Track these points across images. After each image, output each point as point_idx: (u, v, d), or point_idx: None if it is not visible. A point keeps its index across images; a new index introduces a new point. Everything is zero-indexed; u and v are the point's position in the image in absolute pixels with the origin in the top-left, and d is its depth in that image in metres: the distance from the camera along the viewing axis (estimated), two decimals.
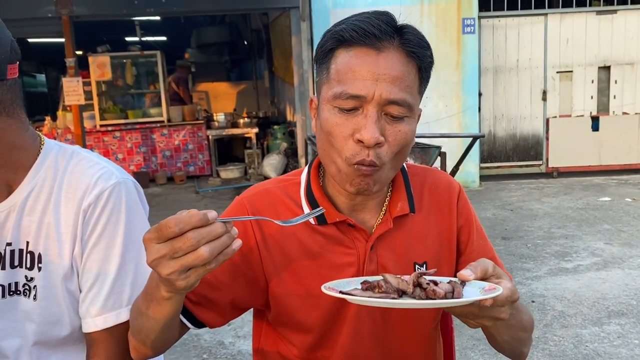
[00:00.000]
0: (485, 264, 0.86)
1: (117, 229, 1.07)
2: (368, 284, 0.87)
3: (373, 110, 0.92)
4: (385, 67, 0.92)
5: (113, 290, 1.07)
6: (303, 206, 1.05)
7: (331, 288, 0.86)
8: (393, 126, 0.94)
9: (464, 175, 7.46)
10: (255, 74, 12.57)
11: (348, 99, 0.92)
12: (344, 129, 0.93)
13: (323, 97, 0.97)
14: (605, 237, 5.05)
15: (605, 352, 3.02)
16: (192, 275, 0.76)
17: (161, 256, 0.74)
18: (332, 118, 0.94)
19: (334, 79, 0.95)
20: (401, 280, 0.87)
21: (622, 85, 8.05)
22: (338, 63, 0.94)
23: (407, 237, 1.05)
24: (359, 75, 0.92)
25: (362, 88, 0.91)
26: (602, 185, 7.35)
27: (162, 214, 5.28)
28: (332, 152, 0.96)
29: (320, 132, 0.98)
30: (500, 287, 0.81)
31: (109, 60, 8.91)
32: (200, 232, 0.72)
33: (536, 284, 4.00)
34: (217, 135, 9.13)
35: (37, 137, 1.12)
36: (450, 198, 1.11)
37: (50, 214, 1.07)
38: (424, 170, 1.14)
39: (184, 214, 0.73)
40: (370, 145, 0.91)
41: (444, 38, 7.43)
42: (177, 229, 0.72)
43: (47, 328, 1.08)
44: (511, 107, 8.15)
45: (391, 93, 0.92)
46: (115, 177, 1.10)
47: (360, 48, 0.92)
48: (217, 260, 0.75)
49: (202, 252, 0.73)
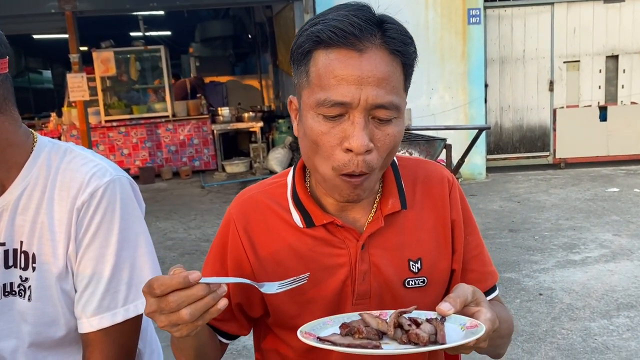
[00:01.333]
0: (464, 293, 0.85)
1: (111, 227, 1.05)
2: (347, 328, 0.84)
3: (360, 116, 0.87)
4: (369, 70, 0.86)
5: (108, 290, 1.05)
6: (290, 209, 1.03)
7: (307, 333, 0.84)
8: (382, 130, 0.90)
9: (470, 167, 7.42)
10: (259, 67, 12.54)
11: (332, 107, 0.87)
12: (331, 137, 0.89)
13: (305, 103, 0.92)
14: (613, 228, 5.00)
15: (615, 345, 2.98)
16: (184, 329, 0.79)
17: (152, 311, 0.78)
18: (317, 126, 0.90)
19: (315, 84, 0.89)
20: (380, 320, 0.85)
21: (631, 75, 7.95)
22: (318, 66, 0.89)
23: (400, 234, 1.02)
24: (342, 80, 0.86)
25: (347, 94, 0.86)
26: (610, 176, 7.28)
27: (168, 208, 5.29)
28: (318, 161, 0.93)
29: (304, 139, 0.94)
30: (483, 325, 0.80)
31: (113, 56, 8.90)
32: (180, 296, 0.75)
33: (544, 277, 3.97)
34: (222, 130, 9.11)
35: (30, 134, 1.10)
36: (442, 190, 1.07)
37: (44, 212, 1.05)
38: (416, 163, 1.11)
39: (167, 276, 0.76)
40: (360, 153, 0.88)
41: (449, 28, 7.36)
42: (159, 291, 0.75)
43: (43, 329, 1.07)
44: (518, 98, 8.07)
45: (377, 97, 0.87)
46: (110, 175, 1.07)
47: (340, 49, 0.87)
48: (203, 318, 0.78)
49: (182, 314, 0.76)
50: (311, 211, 1.00)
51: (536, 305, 3.51)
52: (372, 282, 1.00)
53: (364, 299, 1.00)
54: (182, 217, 6.35)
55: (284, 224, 1.02)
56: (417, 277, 1.01)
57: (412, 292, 1.01)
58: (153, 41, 10.51)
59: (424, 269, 1.02)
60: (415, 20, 7.18)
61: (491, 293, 1.10)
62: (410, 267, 1.01)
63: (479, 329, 0.80)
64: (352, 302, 1.00)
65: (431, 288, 1.03)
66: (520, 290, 3.75)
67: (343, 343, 0.80)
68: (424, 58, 7.64)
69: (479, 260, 1.08)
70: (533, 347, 3.01)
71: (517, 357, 2.91)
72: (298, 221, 1.01)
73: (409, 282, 1.01)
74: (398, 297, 1.00)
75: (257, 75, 12.57)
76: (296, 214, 1.01)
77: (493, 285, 1.10)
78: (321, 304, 1.00)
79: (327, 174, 0.92)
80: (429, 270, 1.02)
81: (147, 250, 1.09)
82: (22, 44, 14.65)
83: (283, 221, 1.02)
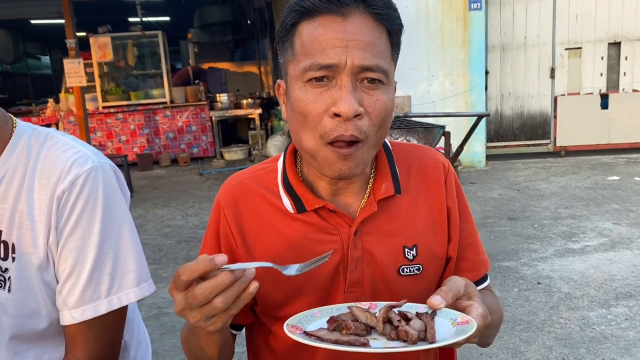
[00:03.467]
0: (456, 286, 0.83)
1: (93, 216, 1.01)
2: (335, 323, 0.81)
3: (347, 80, 0.85)
4: (353, 33, 0.84)
5: (91, 281, 1.01)
6: (281, 194, 1.00)
7: (294, 327, 0.81)
8: (371, 95, 0.87)
9: (470, 154, 7.37)
10: (258, 53, 12.44)
11: (319, 70, 0.85)
12: (318, 105, 0.86)
13: (291, 76, 0.90)
14: (613, 217, 4.97)
15: (613, 334, 2.96)
16: (218, 321, 0.77)
17: (182, 309, 0.76)
18: (303, 95, 0.87)
19: (300, 54, 0.87)
20: (369, 314, 0.82)
21: (633, 62, 7.88)
22: (303, 36, 0.87)
23: (394, 220, 0.99)
24: (327, 43, 0.84)
25: (333, 56, 0.84)
26: (611, 164, 7.24)
27: (166, 196, 5.26)
28: (306, 134, 0.89)
29: (292, 115, 0.91)
30: (474, 322, 0.78)
31: (110, 41, 8.82)
32: (206, 287, 0.73)
33: (542, 265, 3.94)
34: (221, 117, 9.05)
35: (9, 119, 1.06)
36: (438, 176, 1.04)
37: (23, 201, 1.01)
38: (411, 148, 1.08)
39: (192, 262, 0.74)
40: (349, 117, 0.84)
41: (450, 14, 7.27)
42: (185, 277, 0.73)
43: (24, 321, 1.03)
44: (518, 85, 8.01)
45: (364, 59, 0.84)
46: (92, 162, 1.03)
47: (324, 16, 0.85)
48: (236, 306, 0.76)
49: (215, 303, 0.74)
50: (302, 195, 0.97)
51: (534, 294, 3.49)
52: (365, 269, 0.97)
53: (356, 286, 0.97)
54: (180, 205, 6.32)
55: (274, 210, 0.99)
56: (412, 265, 0.99)
57: (406, 280, 0.98)
58: (151, 27, 10.39)
59: (420, 256, 0.99)
60: (415, 6, 7.09)
61: (483, 282, 1.08)
62: (405, 254, 0.98)
63: (470, 325, 0.78)
64: (344, 290, 0.97)
65: (426, 276, 1.00)
66: (519, 279, 3.73)
67: (330, 339, 0.77)
68: (424, 44, 7.62)
69: (472, 249, 1.06)
70: (531, 336, 2.99)
71: (515, 346, 2.89)
72: (289, 206, 0.98)
73: (404, 270, 0.98)
74: (392, 285, 0.98)
75: (256, 61, 12.48)
76: (287, 199, 0.98)
77: (485, 274, 1.08)
78: (311, 292, 0.96)
79: (315, 146, 0.88)
80: (425, 258, 0.99)
81: (132, 240, 1.06)
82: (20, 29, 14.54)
83: (273, 207, 0.99)
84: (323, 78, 0.86)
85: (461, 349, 2.85)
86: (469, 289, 0.85)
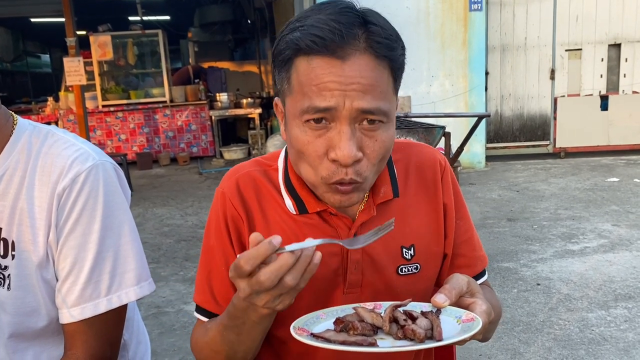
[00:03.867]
0: (459, 284, 0.84)
1: (94, 214, 1.01)
2: (342, 323, 0.81)
3: (345, 124, 0.83)
4: (353, 77, 0.81)
5: (91, 279, 1.01)
6: (283, 195, 0.99)
7: (300, 329, 0.80)
8: (370, 138, 0.85)
9: (470, 155, 7.37)
10: (258, 53, 12.42)
11: (316, 113, 0.83)
12: (317, 147, 0.85)
13: (289, 111, 0.89)
14: (613, 218, 4.97)
15: (612, 336, 2.96)
16: (286, 299, 0.77)
17: (249, 294, 0.75)
18: (302, 136, 0.86)
19: (297, 92, 0.85)
20: (375, 314, 0.83)
21: (633, 64, 7.88)
22: (300, 74, 0.84)
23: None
24: (325, 87, 0.82)
25: (331, 99, 0.82)
26: (611, 165, 7.24)
27: (165, 195, 5.24)
28: (305, 169, 0.89)
29: (290, 146, 0.91)
30: (479, 319, 0.78)
31: (110, 40, 8.81)
32: (271, 272, 0.72)
33: (542, 266, 3.94)
34: (220, 116, 9.04)
35: (10, 116, 1.06)
36: (435, 174, 1.04)
37: (24, 198, 1.01)
38: (408, 147, 1.07)
39: (250, 250, 0.73)
40: (347, 164, 0.84)
41: (450, 15, 7.27)
42: (248, 266, 0.72)
43: (23, 319, 1.03)
44: (518, 86, 8.00)
45: (363, 101, 0.82)
46: (92, 159, 1.03)
47: (321, 57, 0.82)
48: (305, 279, 0.76)
49: (285, 283, 0.73)
50: (304, 198, 0.97)
51: (534, 295, 3.49)
52: (365, 271, 0.97)
53: (355, 287, 0.97)
54: (179, 204, 6.31)
55: (278, 208, 0.99)
56: (411, 264, 0.99)
57: (405, 279, 0.99)
58: (151, 26, 10.37)
59: (417, 255, 1.00)
60: (416, 6, 7.09)
61: (480, 277, 1.08)
62: (403, 254, 0.99)
63: (475, 322, 0.78)
64: (343, 292, 0.97)
65: (424, 274, 1.01)
66: (518, 280, 3.73)
67: (338, 340, 0.77)
68: (425, 45, 7.62)
69: (469, 245, 1.07)
70: (530, 337, 2.99)
71: (514, 347, 2.89)
72: (290, 207, 0.97)
73: (402, 269, 0.99)
74: (391, 285, 0.98)
75: (256, 61, 12.46)
76: (289, 199, 0.98)
77: (482, 269, 1.09)
78: (310, 293, 0.96)
79: (315, 182, 0.89)
80: (422, 256, 1.00)
81: (132, 239, 1.05)
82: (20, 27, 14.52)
83: (277, 204, 0.99)
84: (322, 120, 0.84)
85: (460, 350, 2.85)
86: (472, 286, 0.85)
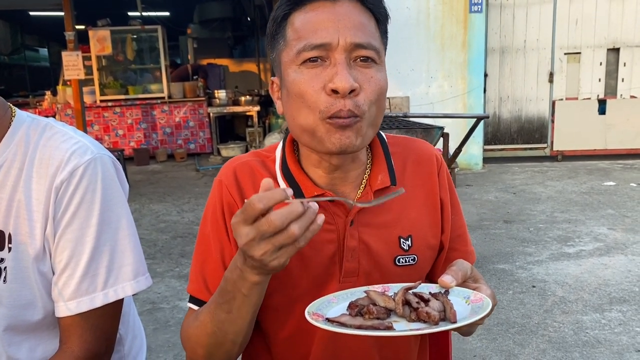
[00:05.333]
0: (464, 267, 0.86)
1: (92, 208, 1.00)
2: (356, 308, 0.81)
3: (341, 57, 0.86)
4: (344, 15, 0.88)
5: (87, 273, 1.00)
6: (279, 181, 1.00)
7: (315, 314, 0.80)
8: (365, 73, 0.88)
9: (467, 157, 7.38)
10: (258, 51, 12.42)
11: (312, 50, 0.87)
12: (314, 82, 0.87)
13: (285, 63, 0.91)
14: (608, 222, 4.98)
15: (606, 339, 2.97)
16: (284, 255, 0.75)
17: (251, 239, 0.73)
18: (299, 77, 0.88)
19: (292, 39, 0.89)
20: (387, 297, 0.82)
21: (631, 68, 7.90)
22: (294, 25, 0.89)
23: (390, 211, 1.00)
24: (319, 25, 0.87)
25: (326, 36, 0.86)
26: (607, 169, 7.26)
27: (162, 191, 5.22)
28: (304, 112, 0.89)
29: (288, 101, 0.92)
30: (488, 299, 0.80)
31: (109, 35, 8.79)
32: (282, 214, 0.72)
33: (537, 269, 3.95)
34: (218, 113, 9.03)
35: (8, 108, 1.05)
36: (431, 169, 1.06)
37: (21, 191, 1.00)
38: (406, 141, 1.09)
39: (264, 192, 0.73)
40: (345, 93, 0.85)
41: (450, 16, 7.27)
42: (261, 205, 0.71)
43: (19, 312, 1.02)
44: (517, 89, 8.02)
45: (356, 36, 0.87)
46: (91, 153, 1.02)
47: (314, 3, 0.89)
48: (306, 237, 0.74)
49: (291, 230, 0.72)
50: (301, 183, 0.97)
51: (529, 297, 3.49)
52: (361, 259, 0.97)
53: (351, 276, 0.97)
54: (175, 200, 6.30)
55: None
56: (408, 255, 1.00)
57: (402, 270, 0.99)
58: (151, 21, 10.36)
59: (415, 246, 1.01)
60: (416, 7, 7.09)
61: None
62: (400, 245, 0.99)
63: (485, 302, 0.78)
64: (339, 280, 0.97)
65: (420, 266, 1.02)
66: (514, 282, 3.73)
67: (354, 324, 0.77)
68: (424, 45, 7.62)
69: (462, 240, 1.09)
70: (524, 339, 2.99)
71: (509, 349, 2.90)
72: None
73: (400, 260, 0.99)
74: (387, 275, 0.98)
75: (255, 58, 12.45)
76: (284, 185, 0.98)
77: (472, 264, 1.10)
78: (306, 280, 0.96)
79: (314, 122, 0.89)
80: (419, 248, 1.01)
81: (129, 233, 1.05)
82: (18, 21, 14.48)
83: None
84: (317, 59, 0.87)
85: (455, 350, 2.85)
86: (475, 272, 0.87)
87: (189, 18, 12.46)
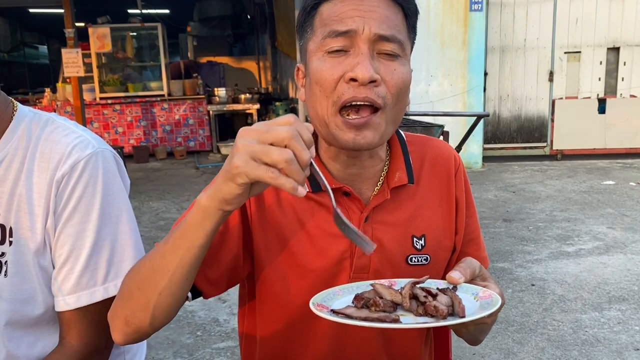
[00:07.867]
0: (473, 265, 0.85)
1: (92, 202, 1.00)
2: (362, 300, 0.80)
3: (364, 47, 0.86)
4: (371, 7, 0.87)
5: (87, 267, 1.00)
6: None
7: (320, 305, 0.79)
8: (388, 65, 0.88)
9: (467, 156, 7.38)
10: (257, 49, 12.41)
11: (337, 37, 0.87)
12: (335, 71, 0.87)
13: (311, 51, 0.91)
14: (608, 221, 4.98)
15: (605, 337, 2.97)
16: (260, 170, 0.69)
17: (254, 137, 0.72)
18: (321, 65, 0.88)
19: (319, 28, 0.90)
20: (393, 291, 0.82)
21: (631, 67, 7.90)
22: (323, 15, 0.90)
23: (405, 210, 0.99)
24: (345, 14, 0.87)
25: (351, 24, 0.86)
26: (607, 168, 7.26)
27: (161, 188, 5.21)
28: (321, 103, 0.89)
29: (309, 89, 0.92)
30: (497, 296, 0.79)
31: (109, 32, 8.77)
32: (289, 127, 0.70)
33: (537, 267, 3.95)
34: (218, 111, 9.02)
35: (10, 103, 1.05)
36: (449, 169, 1.05)
37: (22, 184, 1.00)
38: (425, 140, 1.08)
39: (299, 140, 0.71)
40: (364, 81, 0.84)
41: (450, 15, 7.27)
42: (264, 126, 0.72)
43: (19, 306, 1.02)
44: (517, 88, 8.02)
45: (380, 28, 0.87)
46: (92, 147, 1.02)
47: None
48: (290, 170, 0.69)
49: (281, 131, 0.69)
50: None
51: (528, 296, 3.50)
52: (373, 256, 0.96)
53: (362, 272, 0.97)
54: (175, 198, 6.30)
55: None
56: (421, 254, 0.99)
57: (414, 270, 0.98)
58: (151, 19, 10.34)
59: (428, 246, 1.00)
60: None
61: None
62: (413, 244, 0.99)
63: (494, 299, 0.77)
64: (349, 275, 0.97)
65: (433, 266, 1.00)
66: (513, 280, 3.74)
67: (360, 316, 0.76)
68: (424, 44, 7.62)
69: (475, 245, 1.07)
70: (524, 337, 3.00)
71: (508, 347, 2.90)
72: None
73: (412, 259, 0.99)
74: (399, 274, 0.98)
75: (255, 56, 12.45)
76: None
77: None
78: (316, 273, 0.96)
79: (328, 114, 0.88)
80: (433, 248, 1.00)
81: (130, 227, 1.05)
82: (18, 18, 14.46)
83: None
84: (342, 50, 0.87)
85: (454, 348, 2.85)
86: (483, 271, 0.87)
87: (189, 16, 12.45)
